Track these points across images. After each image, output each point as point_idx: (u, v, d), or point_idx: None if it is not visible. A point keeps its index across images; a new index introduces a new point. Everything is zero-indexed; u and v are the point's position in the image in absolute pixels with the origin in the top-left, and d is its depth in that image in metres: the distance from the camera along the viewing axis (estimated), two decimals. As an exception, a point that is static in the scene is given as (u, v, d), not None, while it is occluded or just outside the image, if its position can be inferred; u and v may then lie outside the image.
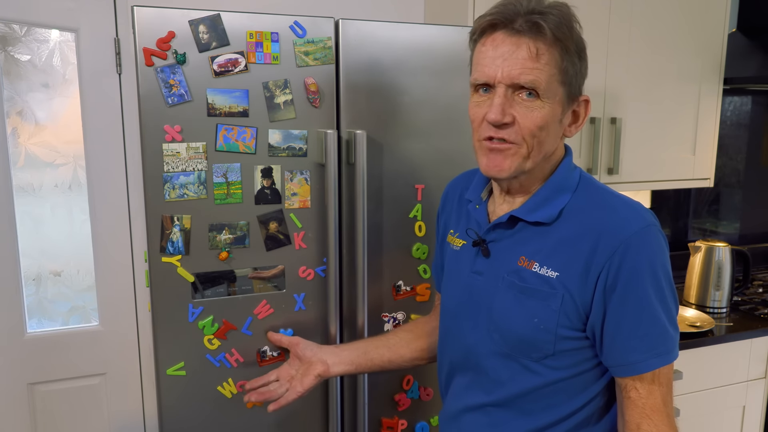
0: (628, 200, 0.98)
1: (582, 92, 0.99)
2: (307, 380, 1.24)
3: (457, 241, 1.12)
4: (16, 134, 1.76)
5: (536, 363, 0.98)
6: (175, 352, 1.33)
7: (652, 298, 0.92)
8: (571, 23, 0.93)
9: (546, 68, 0.90)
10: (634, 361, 0.93)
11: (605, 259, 0.91)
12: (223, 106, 1.29)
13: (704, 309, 2.16)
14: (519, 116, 0.92)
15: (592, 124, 2.00)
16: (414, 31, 1.41)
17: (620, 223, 0.93)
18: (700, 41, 2.13)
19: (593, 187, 1.01)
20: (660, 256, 0.93)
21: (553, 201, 0.98)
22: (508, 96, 0.92)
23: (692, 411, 1.94)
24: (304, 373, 1.25)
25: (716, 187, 2.70)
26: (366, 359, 1.26)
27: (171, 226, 1.29)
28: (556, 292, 0.94)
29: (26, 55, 1.74)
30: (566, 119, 0.97)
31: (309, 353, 1.27)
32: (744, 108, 2.68)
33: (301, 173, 1.37)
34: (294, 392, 1.23)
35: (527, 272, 0.97)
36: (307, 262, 1.40)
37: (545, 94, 0.91)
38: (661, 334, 0.93)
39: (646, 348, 0.93)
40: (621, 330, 0.93)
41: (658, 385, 0.94)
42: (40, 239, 1.83)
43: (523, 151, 0.94)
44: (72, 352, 1.86)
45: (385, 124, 1.43)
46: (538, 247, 0.98)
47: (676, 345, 0.96)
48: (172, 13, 1.23)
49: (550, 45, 0.90)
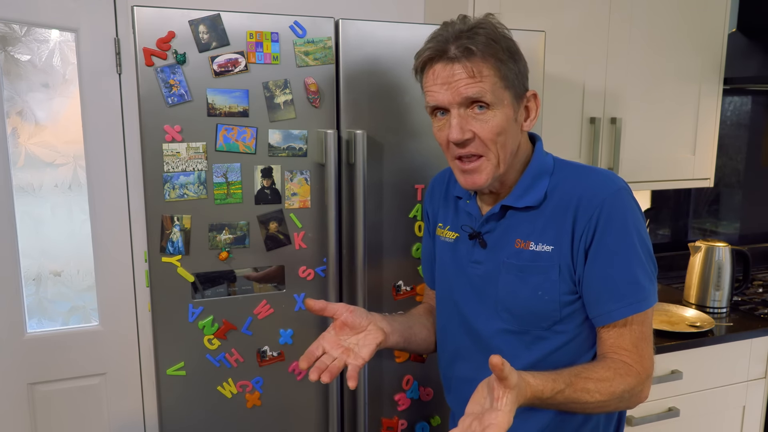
0: (599, 169, 1.09)
1: (527, 88, 1.07)
2: (366, 350, 1.08)
3: (449, 234, 1.20)
4: (16, 134, 1.76)
5: (546, 331, 1.07)
6: (175, 352, 1.33)
7: (624, 253, 1.02)
8: (498, 35, 1.01)
9: (487, 80, 0.99)
10: (606, 311, 1.03)
11: (585, 223, 1.03)
12: (223, 106, 1.29)
13: (704, 309, 2.16)
14: (477, 130, 1.01)
15: (592, 124, 2.00)
16: (414, 31, 1.41)
17: (594, 189, 1.03)
18: (700, 41, 2.13)
19: (567, 165, 1.11)
20: (631, 215, 1.03)
21: (536, 186, 1.08)
22: (463, 114, 1.01)
23: (692, 411, 1.94)
24: (362, 342, 1.09)
25: (716, 187, 2.70)
26: (411, 333, 1.21)
27: (171, 226, 1.29)
28: (552, 264, 1.05)
29: (26, 55, 1.74)
30: (520, 117, 1.07)
31: (364, 320, 1.11)
32: (744, 108, 2.68)
33: (301, 173, 1.37)
34: (357, 364, 1.06)
35: (525, 252, 1.07)
36: (307, 262, 1.40)
37: (494, 102, 1.00)
38: (631, 285, 1.02)
39: (617, 298, 1.02)
40: (594, 282, 1.03)
41: (629, 330, 1.03)
42: (40, 239, 1.83)
43: (492, 160, 1.04)
44: (72, 352, 1.86)
45: (385, 124, 1.43)
46: (531, 228, 1.07)
47: (649, 295, 1.03)
48: (172, 13, 1.23)
49: (483, 61, 0.99)
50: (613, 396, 1.00)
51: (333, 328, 1.10)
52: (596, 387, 0.98)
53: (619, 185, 1.04)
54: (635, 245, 1.02)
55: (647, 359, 1.04)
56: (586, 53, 1.96)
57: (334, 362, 1.05)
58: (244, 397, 1.39)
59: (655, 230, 2.62)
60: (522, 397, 0.89)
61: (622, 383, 1.00)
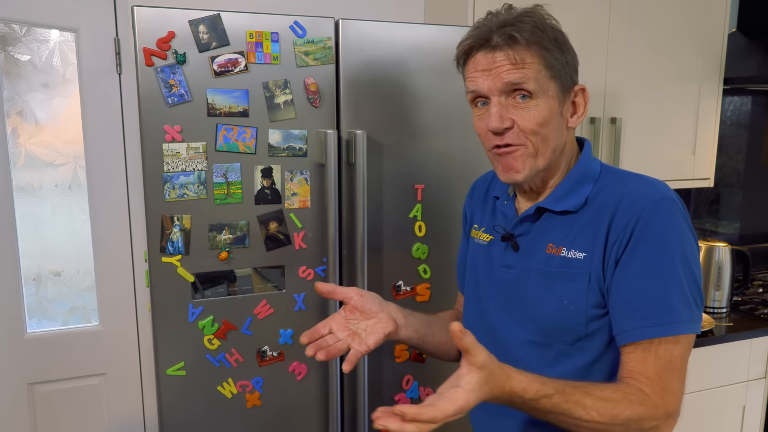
0: (647, 177, 0.99)
1: (576, 82, 1.00)
2: (373, 338, 1.00)
3: (484, 236, 1.13)
4: (16, 134, 1.76)
5: (570, 346, 0.97)
6: (175, 352, 1.33)
7: (658, 267, 0.91)
8: (545, 24, 0.96)
9: (531, 67, 0.94)
10: (628, 329, 0.92)
11: (620, 230, 0.93)
12: (223, 106, 1.29)
13: (704, 309, 2.16)
14: (517, 119, 0.95)
15: (592, 124, 2.00)
16: (414, 31, 1.41)
17: (635, 195, 0.94)
18: (700, 41, 2.13)
19: (614, 172, 1.03)
20: (673, 229, 0.92)
21: (577, 191, 1.00)
22: (504, 103, 0.95)
23: (692, 411, 1.94)
24: (371, 329, 1.02)
25: (716, 187, 2.70)
26: (429, 332, 1.13)
27: (171, 226, 1.29)
28: (582, 272, 0.95)
29: (26, 55, 1.74)
30: (566, 111, 1.00)
31: (376, 307, 1.04)
32: (744, 108, 2.68)
33: (301, 173, 1.37)
34: (360, 350, 1.00)
35: (556, 258, 0.98)
36: (307, 262, 1.40)
37: (537, 91, 0.94)
38: (662, 305, 0.90)
39: (642, 316, 0.91)
40: (620, 295, 0.93)
41: (654, 356, 0.90)
42: (40, 239, 1.83)
43: (530, 150, 0.96)
44: (72, 352, 1.86)
45: (385, 124, 1.43)
46: (566, 233, 0.99)
47: (683, 320, 0.90)
48: (172, 13, 1.23)
49: (527, 48, 0.94)
50: (615, 420, 0.86)
51: (344, 309, 1.04)
52: (595, 405, 0.86)
53: (664, 194, 0.94)
54: (674, 263, 0.91)
55: (671, 394, 0.90)
56: (586, 53, 1.96)
57: (337, 343, 0.99)
58: (244, 397, 1.39)
59: (655, 230, 2.62)
60: (497, 388, 0.81)
61: (629, 410, 0.87)
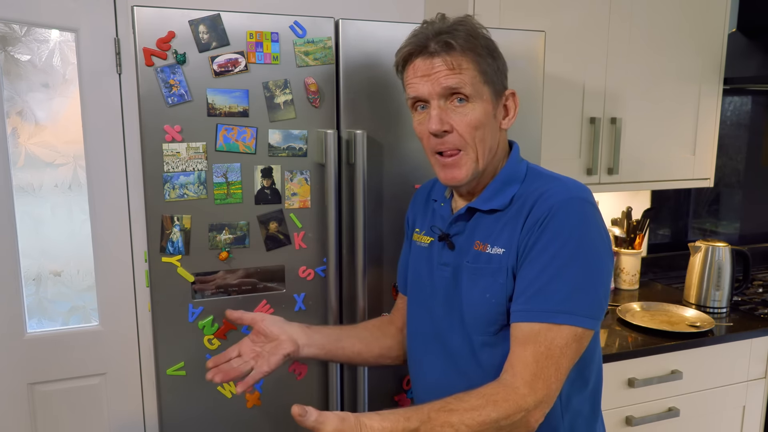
0: (567, 179, 1.05)
1: (507, 87, 1.08)
2: (274, 359, 1.11)
3: (424, 239, 1.20)
4: (16, 134, 1.76)
5: (493, 336, 1.04)
6: (175, 352, 1.33)
7: (553, 256, 0.96)
8: (477, 32, 1.03)
9: (467, 73, 1.00)
10: (514, 310, 0.99)
11: (531, 226, 0.99)
12: (223, 106, 1.29)
13: (704, 309, 2.16)
14: (455, 122, 1.02)
15: (592, 124, 2.00)
16: (414, 31, 1.41)
17: (550, 194, 1.00)
18: (700, 41, 2.13)
19: (539, 174, 1.09)
20: (578, 224, 0.97)
21: (503, 191, 1.07)
22: (443, 106, 1.02)
23: (692, 411, 1.94)
24: (272, 351, 1.12)
25: (716, 187, 2.70)
26: (338, 347, 1.21)
27: (171, 226, 1.29)
28: (501, 267, 1.02)
29: (26, 55, 1.74)
30: (499, 114, 1.07)
31: (276, 329, 1.15)
32: (744, 108, 2.68)
33: (301, 173, 1.37)
34: (259, 372, 1.10)
35: (482, 254, 1.06)
36: (307, 262, 1.40)
37: (473, 95, 1.01)
38: (549, 293, 0.95)
39: (524, 301, 0.97)
40: (517, 284, 1.00)
41: (534, 342, 0.95)
42: (40, 239, 1.83)
43: (471, 155, 1.04)
44: (72, 352, 1.86)
45: (385, 124, 1.43)
46: (491, 231, 1.06)
47: (572, 312, 0.94)
48: (172, 13, 1.23)
49: (462, 54, 1.00)
50: (484, 426, 0.90)
51: (252, 334, 1.17)
52: (461, 419, 0.89)
53: (575, 194, 1.00)
54: (573, 255, 0.95)
55: (543, 381, 0.93)
56: (586, 53, 1.96)
57: (239, 366, 1.10)
58: (244, 397, 1.39)
59: (655, 230, 2.62)
60: None
61: (495, 411, 0.90)
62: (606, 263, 1.00)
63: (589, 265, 0.97)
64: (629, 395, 1.84)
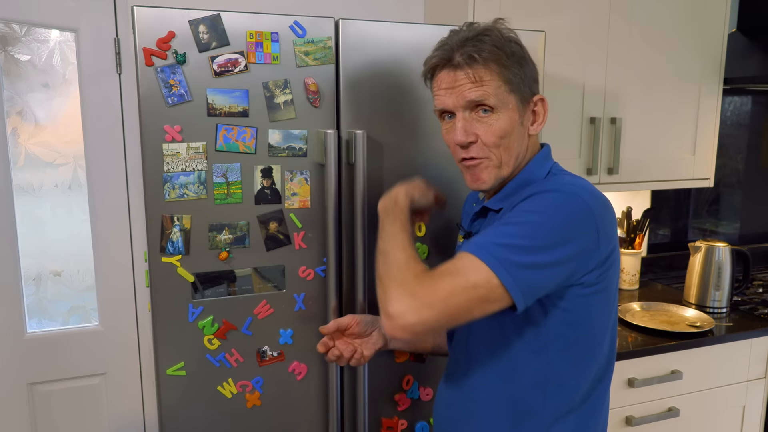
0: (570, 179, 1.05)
1: (536, 92, 1.09)
2: (368, 352, 1.32)
3: (460, 238, 1.27)
4: (16, 134, 1.76)
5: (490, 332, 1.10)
6: (175, 352, 1.33)
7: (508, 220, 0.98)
8: (503, 41, 1.04)
9: (490, 84, 1.02)
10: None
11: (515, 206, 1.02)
12: (223, 106, 1.29)
13: (704, 309, 2.16)
14: (480, 133, 1.04)
15: (592, 124, 2.00)
16: (414, 31, 1.41)
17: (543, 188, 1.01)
18: (700, 41, 2.13)
19: (555, 174, 1.10)
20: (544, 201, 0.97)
21: (518, 192, 1.07)
22: (468, 117, 1.05)
23: (692, 411, 1.94)
24: (365, 345, 1.32)
25: (716, 187, 2.70)
26: (420, 339, 1.37)
27: (171, 226, 1.29)
28: None
29: (26, 55, 1.74)
30: (527, 121, 1.08)
31: (369, 328, 1.32)
32: (744, 108, 2.68)
33: (301, 173, 1.37)
34: (362, 356, 1.31)
35: None
36: (307, 262, 1.40)
37: (497, 106, 1.03)
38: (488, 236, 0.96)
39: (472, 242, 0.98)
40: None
41: (454, 260, 0.96)
42: (40, 239, 1.83)
43: (494, 162, 1.06)
44: (72, 352, 1.86)
45: (385, 124, 1.43)
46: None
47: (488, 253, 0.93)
48: (172, 13, 1.23)
49: (485, 67, 1.02)
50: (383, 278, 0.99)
51: (344, 334, 1.32)
52: (390, 258, 1.02)
53: (559, 188, 0.99)
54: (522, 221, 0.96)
55: (430, 287, 0.93)
56: (586, 53, 1.96)
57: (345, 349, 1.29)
58: (244, 397, 1.39)
59: (655, 230, 2.62)
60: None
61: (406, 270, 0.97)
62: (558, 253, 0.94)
63: (532, 232, 0.94)
64: (629, 395, 1.84)
